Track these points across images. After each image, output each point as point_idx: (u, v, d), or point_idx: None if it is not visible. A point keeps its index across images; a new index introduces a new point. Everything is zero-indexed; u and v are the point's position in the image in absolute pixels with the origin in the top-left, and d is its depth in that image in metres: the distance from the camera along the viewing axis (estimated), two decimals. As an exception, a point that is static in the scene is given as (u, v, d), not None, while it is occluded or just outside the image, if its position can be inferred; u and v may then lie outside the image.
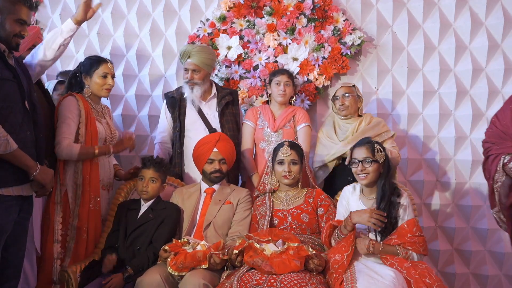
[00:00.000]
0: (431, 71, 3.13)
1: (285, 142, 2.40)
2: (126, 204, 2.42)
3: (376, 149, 2.11)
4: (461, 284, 3.04)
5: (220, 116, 2.79)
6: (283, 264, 1.85)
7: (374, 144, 2.14)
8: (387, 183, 2.08)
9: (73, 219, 2.30)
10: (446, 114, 3.09)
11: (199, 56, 2.72)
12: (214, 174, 2.41)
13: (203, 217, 2.33)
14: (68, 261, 2.26)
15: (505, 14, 3.03)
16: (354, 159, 2.14)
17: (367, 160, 2.09)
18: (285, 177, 2.33)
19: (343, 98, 2.69)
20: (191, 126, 2.79)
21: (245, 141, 2.82)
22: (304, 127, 2.78)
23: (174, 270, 1.96)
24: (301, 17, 3.14)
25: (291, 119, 2.80)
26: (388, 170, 2.11)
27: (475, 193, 3.04)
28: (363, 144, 2.16)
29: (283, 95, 2.77)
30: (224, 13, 3.22)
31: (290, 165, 2.33)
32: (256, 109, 2.88)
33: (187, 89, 2.77)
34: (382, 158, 2.11)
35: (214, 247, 2.03)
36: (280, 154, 2.35)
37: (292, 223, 2.25)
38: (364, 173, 2.09)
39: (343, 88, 2.73)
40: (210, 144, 2.44)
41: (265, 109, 2.84)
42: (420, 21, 3.17)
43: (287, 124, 2.78)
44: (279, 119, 2.78)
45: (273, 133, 2.76)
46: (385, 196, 2.05)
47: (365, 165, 2.09)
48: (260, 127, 2.81)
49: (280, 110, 2.83)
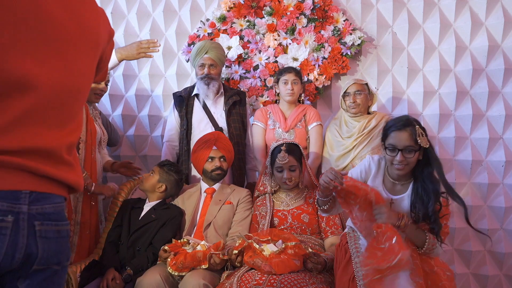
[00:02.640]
0: (431, 71, 3.13)
1: (282, 146, 2.31)
2: (131, 201, 2.42)
3: (419, 133, 1.71)
4: (461, 284, 3.03)
5: (227, 115, 2.78)
6: (282, 264, 1.85)
7: (416, 126, 1.73)
8: (428, 172, 1.73)
9: (76, 214, 2.32)
10: (446, 114, 3.09)
11: (216, 51, 2.73)
12: (216, 171, 2.41)
13: (203, 217, 2.32)
14: (73, 256, 2.28)
15: (505, 14, 3.03)
16: (392, 145, 1.74)
17: (409, 150, 1.72)
18: (285, 183, 2.30)
19: (354, 95, 2.63)
20: (197, 124, 2.79)
21: (256, 142, 2.78)
22: (316, 126, 2.75)
23: (174, 270, 1.96)
24: (301, 17, 3.14)
25: (302, 118, 2.77)
26: (429, 158, 1.73)
27: (476, 193, 3.04)
28: (403, 127, 1.74)
29: (291, 93, 2.75)
30: (224, 13, 3.22)
31: (289, 171, 2.28)
32: (266, 109, 2.85)
33: (202, 85, 2.73)
34: (427, 144, 1.72)
35: (214, 247, 2.03)
36: (278, 161, 2.28)
37: (292, 224, 2.25)
38: (403, 164, 1.73)
39: (356, 85, 2.66)
40: (209, 143, 2.44)
41: (274, 109, 2.80)
42: (420, 21, 3.17)
43: (299, 124, 2.75)
44: (290, 119, 2.74)
45: (285, 133, 2.72)
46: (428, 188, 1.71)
47: (406, 155, 1.71)
48: (271, 127, 2.78)
49: (290, 109, 2.80)
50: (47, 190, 0.93)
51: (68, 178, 0.97)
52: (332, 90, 3.22)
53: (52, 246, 0.93)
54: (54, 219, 0.93)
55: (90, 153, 2.38)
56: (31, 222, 0.89)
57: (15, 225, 0.86)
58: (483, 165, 3.03)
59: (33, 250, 0.89)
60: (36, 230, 0.89)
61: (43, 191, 0.92)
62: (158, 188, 2.37)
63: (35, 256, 0.89)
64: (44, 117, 0.92)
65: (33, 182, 0.90)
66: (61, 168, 0.96)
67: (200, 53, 2.74)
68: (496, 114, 3.02)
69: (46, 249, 0.91)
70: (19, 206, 0.87)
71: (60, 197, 0.97)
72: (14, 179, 0.87)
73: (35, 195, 0.90)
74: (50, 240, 0.92)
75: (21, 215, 0.87)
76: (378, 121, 2.61)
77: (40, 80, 0.90)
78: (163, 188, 2.38)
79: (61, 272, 0.98)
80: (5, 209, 0.85)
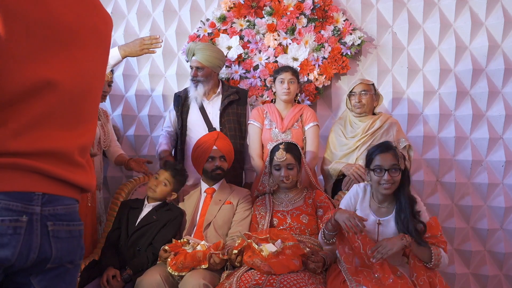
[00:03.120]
0: (431, 71, 3.13)
1: (280, 145, 2.32)
2: (129, 202, 2.41)
3: (399, 155, 1.93)
4: (461, 284, 3.03)
5: (221, 115, 2.78)
6: (281, 265, 1.85)
7: (395, 149, 1.96)
8: (406, 193, 1.92)
9: None
10: (446, 114, 3.09)
11: (203, 53, 2.72)
12: (216, 171, 2.41)
13: (203, 217, 2.33)
14: None
15: (505, 14, 3.03)
16: (379, 166, 1.91)
17: (394, 168, 1.89)
18: (283, 182, 2.30)
19: (360, 95, 2.61)
20: (192, 125, 2.80)
21: (252, 142, 2.75)
22: (313, 127, 2.71)
23: (174, 270, 1.96)
24: (301, 17, 3.14)
25: (299, 118, 2.74)
26: (408, 179, 1.95)
27: (475, 193, 3.04)
28: (386, 150, 1.95)
29: (288, 93, 2.71)
30: (224, 13, 3.22)
31: (287, 170, 2.29)
32: (262, 108, 2.81)
33: (192, 87, 2.78)
34: (404, 165, 1.94)
35: (214, 247, 2.03)
36: (276, 159, 2.30)
37: (291, 224, 2.25)
38: (389, 183, 1.89)
39: (362, 85, 2.64)
40: (209, 143, 2.44)
41: (271, 109, 2.77)
42: (420, 21, 3.17)
43: (295, 124, 2.71)
44: (287, 119, 2.71)
45: (281, 133, 2.69)
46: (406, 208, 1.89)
47: (392, 174, 1.89)
48: (267, 127, 2.74)
49: (286, 109, 2.76)
50: (59, 192, 0.96)
51: (80, 180, 1.00)
52: (332, 90, 3.22)
53: (65, 246, 0.96)
54: (65, 219, 0.97)
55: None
56: (44, 223, 0.92)
57: (29, 225, 0.89)
58: (483, 165, 3.03)
59: (47, 250, 0.92)
60: (49, 230, 0.92)
61: (55, 193, 0.95)
62: (171, 196, 2.38)
63: (49, 255, 0.93)
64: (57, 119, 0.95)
65: (45, 184, 0.93)
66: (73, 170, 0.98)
67: (188, 56, 2.78)
68: (496, 114, 3.02)
69: (59, 249, 0.94)
70: (32, 207, 0.90)
71: (71, 199, 1.00)
72: (27, 181, 0.90)
73: (48, 197, 0.93)
74: (62, 240, 0.95)
75: (35, 216, 0.90)
76: (382, 122, 2.59)
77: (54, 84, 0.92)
78: (174, 196, 2.39)
79: (73, 271, 1.01)
80: (20, 210, 0.88)
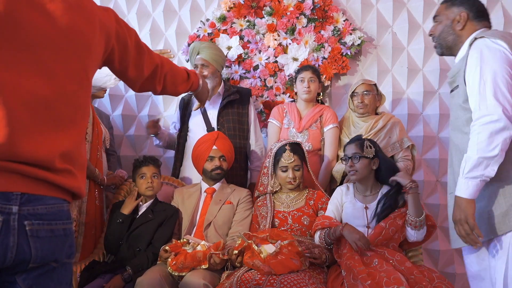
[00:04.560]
0: (431, 71, 3.13)
1: (287, 146, 2.31)
2: (120, 204, 2.39)
3: (366, 145, 2.15)
4: (461, 284, 3.03)
5: (220, 115, 2.76)
6: (281, 265, 1.84)
7: (364, 140, 2.18)
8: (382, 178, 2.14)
9: (80, 215, 2.33)
10: (446, 114, 3.09)
11: (208, 51, 2.72)
12: (215, 171, 2.41)
13: (203, 217, 2.33)
14: (77, 256, 2.28)
15: (505, 14, 3.03)
16: (345, 155, 2.19)
17: (355, 156, 2.13)
18: (289, 183, 2.30)
19: (362, 95, 2.61)
20: (193, 125, 2.80)
21: (271, 141, 2.71)
22: (332, 129, 2.67)
23: (174, 270, 1.96)
24: (301, 17, 3.14)
25: (318, 119, 2.71)
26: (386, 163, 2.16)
27: (475, 193, 3.04)
28: (353, 141, 2.21)
29: (308, 91, 2.69)
30: (224, 13, 3.22)
31: (294, 171, 2.29)
32: (282, 107, 2.79)
33: None
34: (372, 154, 2.14)
35: (214, 247, 2.03)
36: (283, 161, 2.29)
37: (292, 225, 2.25)
38: (353, 170, 2.13)
39: (364, 85, 2.64)
40: (209, 142, 2.44)
41: (291, 108, 2.74)
42: (420, 21, 3.17)
43: (314, 125, 2.68)
44: (305, 119, 2.68)
45: (298, 133, 2.67)
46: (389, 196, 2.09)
47: (353, 161, 2.14)
48: (285, 126, 2.72)
49: (307, 109, 2.74)
50: (40, 192, 0.96)
51: (66, 182, 1.00)
52: (332, 90, 3.22)
53: (46, 245, 0.96)
54: (46, 219, 0.96)
55: (95, 153, 2.40)
56: (21, 222, 0.92)
57: (5, 224, 0.89)
58: (483, 165, 3.03)
59: (25, 249, 0.92)
60: (26, 230, 0.92)
61: (35, 193, 0.95)
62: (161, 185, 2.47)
63: (28, 255, 0.92)
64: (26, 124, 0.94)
65: (25, 184, 0.93)
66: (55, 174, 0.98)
67: (192, 55, 2.77)
68: (496, 114, 3.01)
69: (40, 248, 0.94)
70: (10, 207, 0.90)
71: (56, 199, 0.99)
72: (5, 181, 0.91)
73: (27, 196, 0.93)
74: (43, 239, 0.95)
75: (12, 215, 0.90)
76: (385, 122, 2.59)
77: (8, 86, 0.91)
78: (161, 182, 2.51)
79: (60, 269, 1.00)
80: None
